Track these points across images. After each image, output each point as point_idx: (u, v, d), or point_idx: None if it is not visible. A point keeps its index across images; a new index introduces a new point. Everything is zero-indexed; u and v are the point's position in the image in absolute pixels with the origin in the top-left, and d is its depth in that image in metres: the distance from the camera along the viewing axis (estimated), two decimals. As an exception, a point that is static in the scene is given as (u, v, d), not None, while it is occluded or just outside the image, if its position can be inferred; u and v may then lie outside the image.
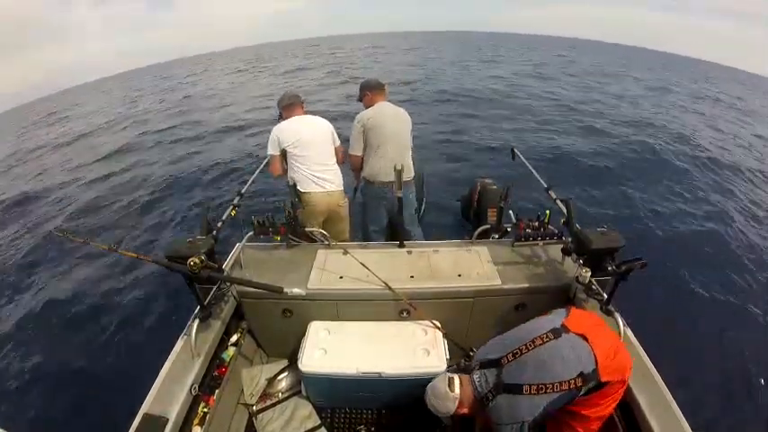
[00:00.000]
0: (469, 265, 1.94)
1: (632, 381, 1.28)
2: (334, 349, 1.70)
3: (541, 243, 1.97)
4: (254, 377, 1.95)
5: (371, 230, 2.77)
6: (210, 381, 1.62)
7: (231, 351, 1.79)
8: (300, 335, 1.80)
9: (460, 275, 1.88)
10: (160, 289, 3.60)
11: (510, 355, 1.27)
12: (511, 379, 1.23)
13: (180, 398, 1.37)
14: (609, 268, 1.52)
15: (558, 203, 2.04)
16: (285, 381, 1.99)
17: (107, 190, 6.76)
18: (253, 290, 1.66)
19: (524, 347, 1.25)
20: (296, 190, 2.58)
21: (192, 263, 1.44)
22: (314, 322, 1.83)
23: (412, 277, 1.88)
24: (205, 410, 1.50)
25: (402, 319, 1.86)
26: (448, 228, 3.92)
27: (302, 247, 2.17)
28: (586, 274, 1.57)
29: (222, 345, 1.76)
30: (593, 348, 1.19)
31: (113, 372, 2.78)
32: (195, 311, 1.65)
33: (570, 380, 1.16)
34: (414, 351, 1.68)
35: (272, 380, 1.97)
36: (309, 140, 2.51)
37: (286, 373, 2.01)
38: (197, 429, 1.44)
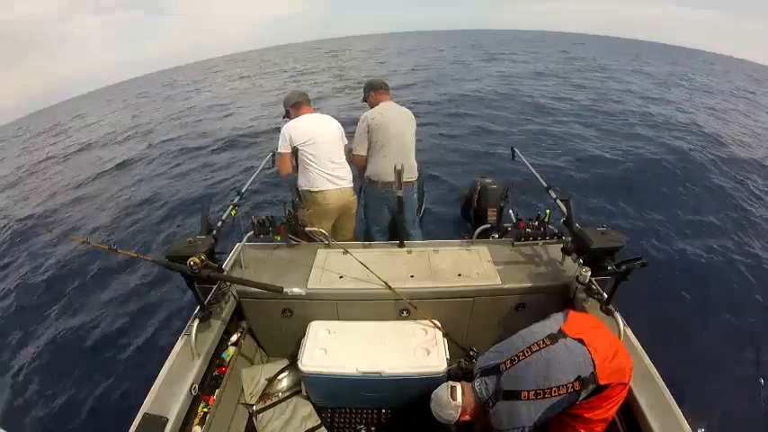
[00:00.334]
0: (469, 265, 1.94)
1: (632, 381, 1.28)
2: (334, 349, 1.70)
3: (541, 243, 1.96)
4: (254, 377, 1.96)
5: (374, 230, 2.77)
6: (210, 381, 1.62)
7: (231, 351, 1.79)
8: (300, 334, 1.80)
9: (460, 275, 1.88)
10: (160, 289, 3.61)
11: (508, 362, 1.28)
12: (509, 385, 1.23)
13: (180, 398, 1.37)
14: (609, 268, 1.51)
15: (558, 203, 2.04)
16: (285, 380, 1.99)
17: (107, 190, 6.77)
18: (253, 290, 1.66)
19: (522, 354, 1.26)
20: (298, 190, 2.57)
21: (192, 262, 1.44)
22: (314, 322, 1.83)
23: (412, 277, 1.88)
24: (205, 410, 1.50)
25: (402, 319, 1.86)
26: (448, 227, 3.92)
27: (302, 247, 2.17)
28: (586, 274, 1.57)
29: (222, 344, 1.76)
30: (591, 352, 1.19)
31: (113, 372, 2.78)
32: (195, 311, 1.66)
33: (568, 384, 1.16)
34: (414, 351, 1.67)
35: (273, 380, 1.97)
36: (322, 138, 2.49)
37: (286, 373, 2.01)
38: (197, 429, 1.44)
